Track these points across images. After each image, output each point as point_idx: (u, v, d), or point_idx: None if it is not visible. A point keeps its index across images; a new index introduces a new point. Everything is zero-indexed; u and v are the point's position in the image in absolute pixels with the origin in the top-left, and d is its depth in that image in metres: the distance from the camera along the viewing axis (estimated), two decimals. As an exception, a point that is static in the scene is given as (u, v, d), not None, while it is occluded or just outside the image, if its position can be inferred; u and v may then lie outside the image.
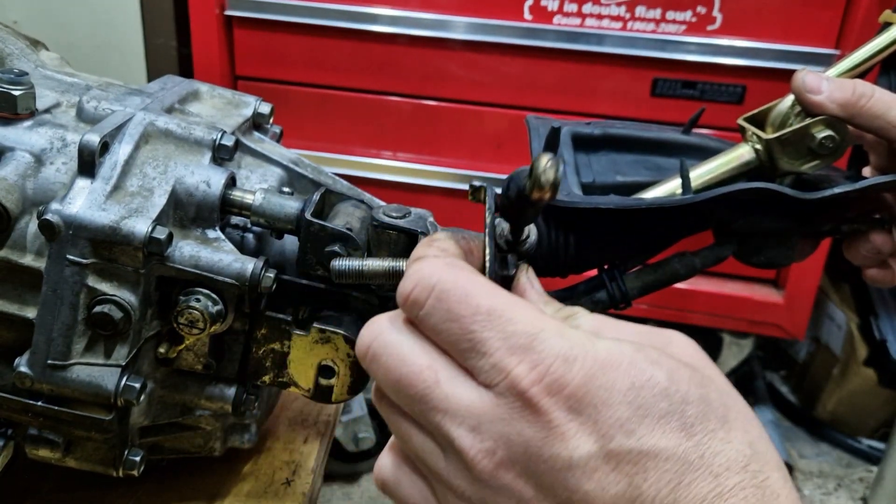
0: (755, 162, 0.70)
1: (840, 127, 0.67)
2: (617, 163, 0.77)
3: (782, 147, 0.68)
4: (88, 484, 0.93)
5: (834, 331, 1.94)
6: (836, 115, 0.66)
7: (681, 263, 0.73)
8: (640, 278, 0.73)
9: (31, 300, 0.75)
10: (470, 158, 1.81)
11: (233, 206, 0.76)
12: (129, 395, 0.74)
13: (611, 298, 0.72)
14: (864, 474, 1.83)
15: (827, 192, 0.65)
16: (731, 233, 0.71)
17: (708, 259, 0.73)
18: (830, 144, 0.66)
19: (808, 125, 0.67)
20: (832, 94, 0.66)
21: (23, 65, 0.91)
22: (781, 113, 0.70)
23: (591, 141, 0.78)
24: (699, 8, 1.62)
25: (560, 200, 0.67)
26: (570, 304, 0.70)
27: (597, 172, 0.75)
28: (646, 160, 0.77)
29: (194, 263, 0.73)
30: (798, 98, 0.68)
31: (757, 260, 0.72)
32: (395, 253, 0.71)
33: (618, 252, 0.72)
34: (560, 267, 0.71)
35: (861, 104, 0.66)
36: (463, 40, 1.69)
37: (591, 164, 0.76)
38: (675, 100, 1.70)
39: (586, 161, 0.77)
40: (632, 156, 0.77)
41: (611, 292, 0.72)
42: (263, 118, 0.92)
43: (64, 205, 0.71)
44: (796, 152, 0.67)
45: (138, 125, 0.76)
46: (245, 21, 1.76)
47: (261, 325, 0.77)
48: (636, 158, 0.77)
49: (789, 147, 0.67)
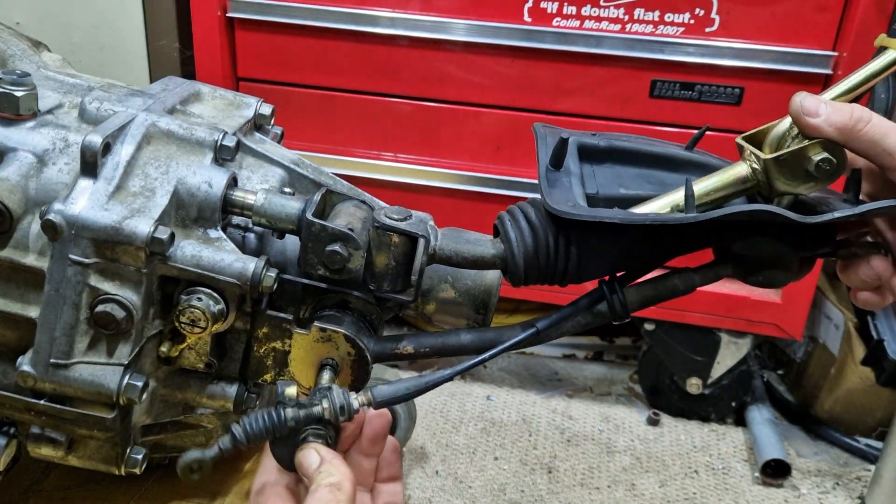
0: (752, 181, 0.70)
1: (837, 150, 0.67)
2: (621, 175, 0.77)
3: (779, 168, 0.68)
4: (91, 482, 0.94)
5: (832, 330, 1.94)
6: (834, 138, 0.66)
7: (680, 279, 0.74)
8: (639, 292, 0.73)
9: (33, 300, 0.76)
10: (470, 159, 1.82)
11: (234, 206, 0.76)
12: (131, 393, 0.74)
13: (611, 311, 0.73)
14: (862, 473, 1.83)
15: (827, 216, 0.66)
16: (731, 252, 0.72)
17: (707, 276, 0.74)
18: (827, 167, 0.67)
19: (805, 147, 0.67)
20: (830, 118, 0.66)
21: (25, 66, 0.91)
22: (779, 134, 0.70)
23: (596, 152, 0.78)
24: (697, 10, 1.63)
25: (565, 212, 0.68)
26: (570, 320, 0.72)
27: (601, 184, 0.76)
28: (649, 174, 0.77)
29: (196, 263, 0.73)
30: (795, 121, 0.68)
31: (755, 280, 0.73)
32: (395, 255, 0.72)
33: (618, 265, 0.73)
34: (558, 277, 0.72)
35: (858, 129, 0.66)
36: (463, 42, 1.69)
37: (595, 176, 0.77)
38: (673, 101, 1.70)
39: (591, 172, 0.77)
40: (635, 169, 0.78)
41: (611, 305, 0.73)
42: (265, 119, 0.92)
43: (66, 205, 0.71)
44: (793, 174, 0.68)
45: (140, 126, 0.77)
46: (247, 23, 1.76)
47: (262, 324, 0.78)
48: (640, 172, 0.77)
49: (786, 168, 0.68)
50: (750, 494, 1.75)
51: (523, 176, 1.80)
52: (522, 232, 0.71)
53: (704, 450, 1.88)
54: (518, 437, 1.86)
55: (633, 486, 1.74)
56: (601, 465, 1.80)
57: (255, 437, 0.65)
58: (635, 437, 1.90)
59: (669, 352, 1.89)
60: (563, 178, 0.73)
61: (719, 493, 1.75)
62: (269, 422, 0.64)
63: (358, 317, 0.77)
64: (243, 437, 0.64)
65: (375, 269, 0.72)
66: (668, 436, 1.91)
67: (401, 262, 0.72)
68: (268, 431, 0.64)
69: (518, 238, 0.71)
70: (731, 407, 1.96)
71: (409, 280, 0.73)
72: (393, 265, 0.72)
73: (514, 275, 0.72)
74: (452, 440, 1.83)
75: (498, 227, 0.74)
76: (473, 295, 0.81)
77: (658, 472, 1.79)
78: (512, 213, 0.74)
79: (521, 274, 0.71)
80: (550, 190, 0.70)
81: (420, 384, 0.69)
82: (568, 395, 2.04)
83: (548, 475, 1.75)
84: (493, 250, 0.72)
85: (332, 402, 0.65)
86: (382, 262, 0.72)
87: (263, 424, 0.64)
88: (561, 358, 2.19)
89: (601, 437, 1.89)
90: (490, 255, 0.72)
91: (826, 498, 1.77)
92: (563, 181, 0.72)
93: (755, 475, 1.79)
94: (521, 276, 0.71)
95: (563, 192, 0.71)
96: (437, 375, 0.70)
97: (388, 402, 0.68)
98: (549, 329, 0.73)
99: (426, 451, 1.79)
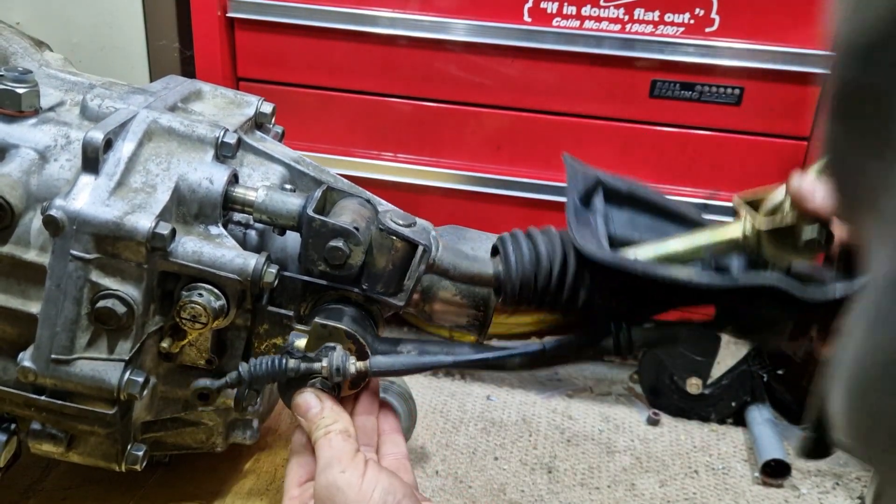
0: (741, 243, 0.73)
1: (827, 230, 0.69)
2: (635, 222, 0.80)
3: (770, 238, 0.71)
4: (91, 482, 0.94)
5: (832, 331, 1.95)
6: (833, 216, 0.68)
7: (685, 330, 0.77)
8: (644, 334, 0.76)
9: (34, 295, 0.76)
10: (470, 159, 1.82)
11: (235, 202, 0.76)
12: (132, 389, 0.74)
13: (616, 347, 0.75)
14: (862, 473, 1.83)
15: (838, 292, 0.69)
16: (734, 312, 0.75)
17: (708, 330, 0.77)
18: (814, 247, 0.70)
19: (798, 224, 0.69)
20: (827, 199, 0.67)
21: (27, 64, 0.92)
22: (776, 203, 0.72)
23: (616, 195, 0.81)
24: (697, 10, 1.63)
25: (594, 255, 0.70)
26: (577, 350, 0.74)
27: (618, 226, 0.79)
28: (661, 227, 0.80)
29: (197, 259, 0.73)
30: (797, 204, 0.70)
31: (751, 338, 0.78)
32: (394, 259, 0.73)
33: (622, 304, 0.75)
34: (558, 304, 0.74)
35: None
36: (463, 42, 1.69)
37: (613, 218, 0.80)
38: (673, 101, 1.71)
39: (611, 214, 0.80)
40: (650, 219, 0.81)
41: (617, 343, 0.75)
42: (265, 118, 0.92)
43: (68, 201, 0.71)
44: (782, 246, 0.71)
45: (142, 123, 0.77)
46: (246, 23, 1.76)
47: (263, 320, 0.78)
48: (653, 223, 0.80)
49: (777, 240, 0.71)
50: (750, 494, 1.75)
51: (523, 176, 1.80)
52: (523, 256, 0.74)
53: (704, 450, 1.88)
54: (518, 437, 1.86)
55: (633, 485, 1.74)
56: (601, 465, 1.80)
57: (258, 378, 0.72)
58: (635, 437, 1.90)
59: (669, 352, 1.89)
60: (590, 217, 0.77)
61: (719, 493, 1.75)
62: (271, 368, 0.71)
63: (359, 311, 0.77)
64: (247, 375, 0.72)
65: (372, 270, 0.73)
66: (668, 436, 1.91)
67: (398, 267, 0.73)
68: (269, 376, 0.71)
69: (518, 261, 0.74)
70: (731, 407, 1.96)
71: (402, 284, 0.74)
72: (390, 269, 0.73)
73: (509, 296, 0.74)
74: (452, 440, 1.83)
75: (498, 248, 0.77)
76: (474, 293, 0.82)
77: (658, 472, 1.79)
78: (515, 238, 0.76)
79: (515, 295, 0.74)
80: (579, 228, 0.73)
81: (418, 362, 0.73)
82: (568, 395, 2.04)
83: (548, 475, 1.75)
84: (491, 269, 0.75)
85: (330, 361, 0.70)
86: (381, 265, 0.72)
87: (266, 369, 0.71)
88: (561, 358, 2.20)
89: (601, 437, 1.89)
90: (487, 273, 0.75)
91: (826, 498, 1.76)
92: (589, 219, 0.76)
93: (755, 475, 1.79)
94: (515, 298, 0.74)
95: (589, 230, 0.74)
96: (437, 359, 0.73)
97: (385, 372, 0.72)
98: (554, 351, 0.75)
99: (426, 451, 1.79)
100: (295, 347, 0.72)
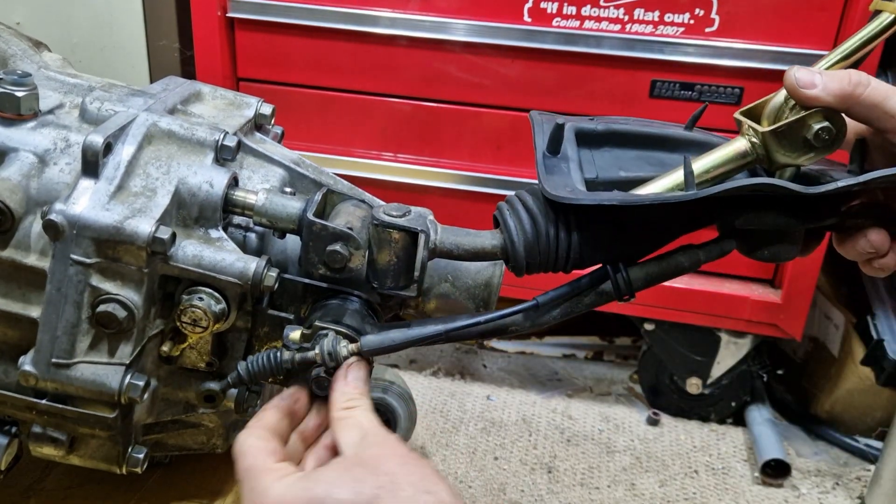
0: (751, 155, 0.70)
1: (836, 118, 0.66)
2: (620, 159, 0.77)
3: (777, 140, 0.68)
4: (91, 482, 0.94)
5: (831, 330, 1.94)
6: (833, 105, 0.66)
7: (685, 256, 0.73)
8: (644, 269, 0.72)
9: (35, 299, 0.76)
10: (470, 159, 1.82)
11: (235, 205, 0.76)
12: (132, 392, 0.74)
13: (615, 289, 0.72)
14: (862, 473, 1.83)
15: (830, 186, 0.65)
16: (734, 228, 0.71)
17: (712, 253, 0.73)
18: (826, 136, 0.66)
19: (803, 117, 0.67)
20: (827, 86, 0.65)
21: (26, 66, 0.91)
22: (776, 106, 0.69)
23: (594, 137, 0.77)
24: (697, 10, 1.63)
25: (563, 197, 0.67)
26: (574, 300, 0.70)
27: (600, 168, 0.75)
28: (649, 156, 0.77)
29: (197, 262, 0.73)
30: (791, 94, 0.67)
31: (760, 254, 0.72)
32: (396, 251, 0.72)
33: (620, 249, 0.72)
34: (560, 264, 0.72)
35: (858, 93, 0.65)
36: (463, 42, 1.69)
37: (594, 161, 0.76)
38: (673, 101, 1.70)
39: (590, 157, 0.76)
40: (635, 151, 0.77)
41: (616, 284, 0.72)
42: (265, 119, 0.92)
43: (68, 205, 0.71)
44: (792, 145, 0.67)
45: (141, 126, 0.77)
46: (247, 23, 1.76)
47: (263, 323, 0.78)
48: (639, 154, 0.77)
49: (784, 140, 0.67)
50: (750, 494, 1.75)
51: (524, 176, 1.80)
52: (522, 221, 0.71)
53: (704, 450, 1.88)
54: (518, 437, 1.86)
55: (633, 485, 1.74)
56: (601, 465, 1.80)
57: (257, 375, 0.72)
58: (635, 437, 1.90)
59: (669, 352, 1.89)
60: (562, 164, 0.72)
61: (719, 492, 1.75)
62: (267, 363, 0.72)
63: (360, 307, 0.76)
64: (246, 374, 0.72)
65: (378, 267, 0.72)
66: (667, 436, 1.91)
67: (402, 258, 0.72)
68: (267, 371, 0.72)
69: (517, 227, 0.71)
70: (731, 407, 1.96)
71: (411, 276, 0.72)
72: (395, 261, 0.72)
73: (516, 264, 0.71)
74: (452, 440, 1.83)
75: (497, 218, 0.74)
76: (474, 292, 0.82)
77: (658, 471, 1.79)
78: (511, 203, 0.73)
79: (522, 262, 0.71)
80: (548, 176, 0.70)
81: (408, 336, 0.71)
82: (568, 394, 2.04)
83: (548, 475, 1.75)
84: (494, 241, 0.72)
85: (322, 347, 0.70)
86: (384, 260, 0.72)
87: (264, 365, 0.72)
88: (561, 358, 2.20)
89: (601, 436, 1.89)
90: (491, 245, 0.72)
91: (826, 498, 1.77)
92: (560, 167, 0.72)
93: (755, 475, 1.79)
94: (523, 265, 0.71)
95: (561, 177, 0.70)
96: (428, 329, 0.71)
97: (376, 351, 0.71)
98: (550, 305, 0.72)
99: (426, 451, 1.79)
100: (290, 340, 0.72)
